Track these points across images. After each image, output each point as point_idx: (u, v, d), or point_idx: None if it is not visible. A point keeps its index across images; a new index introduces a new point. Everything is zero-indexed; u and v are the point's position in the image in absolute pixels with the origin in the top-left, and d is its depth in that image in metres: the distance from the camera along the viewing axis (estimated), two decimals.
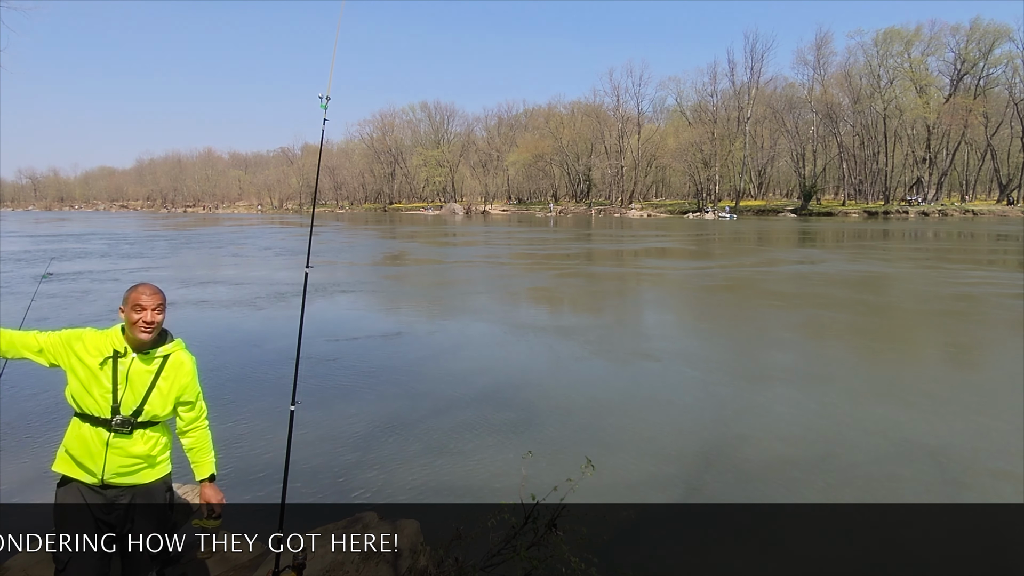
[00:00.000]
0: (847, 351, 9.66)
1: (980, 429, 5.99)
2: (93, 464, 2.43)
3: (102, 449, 2.42)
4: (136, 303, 2.47)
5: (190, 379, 2.59)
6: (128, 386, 2.43)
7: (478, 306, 13.62)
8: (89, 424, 2.42)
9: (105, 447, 2.42)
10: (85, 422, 2.42)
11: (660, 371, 8.40)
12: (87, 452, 2.42)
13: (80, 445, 2.42)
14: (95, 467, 2.43)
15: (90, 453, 2.42)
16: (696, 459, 5.43)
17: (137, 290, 2.52)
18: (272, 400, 6.96)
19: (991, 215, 60.53)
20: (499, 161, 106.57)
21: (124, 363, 2.44)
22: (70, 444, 2.45)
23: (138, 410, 2.45)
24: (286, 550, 2.71)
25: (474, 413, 6.60)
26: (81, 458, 2.43)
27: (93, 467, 2.43)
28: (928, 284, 17.07)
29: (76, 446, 2.43)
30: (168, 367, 2.52)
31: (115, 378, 2.42)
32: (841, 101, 77.12)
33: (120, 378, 2.42)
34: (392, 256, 26.59)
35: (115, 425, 2.41)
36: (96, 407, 2.41)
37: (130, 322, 2.47)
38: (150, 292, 2.52)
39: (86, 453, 2.42)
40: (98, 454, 2.42)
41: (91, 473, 2.44)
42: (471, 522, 3.32)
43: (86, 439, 2.42)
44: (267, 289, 15.88)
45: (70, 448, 2.44)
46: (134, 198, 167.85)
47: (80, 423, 2.43)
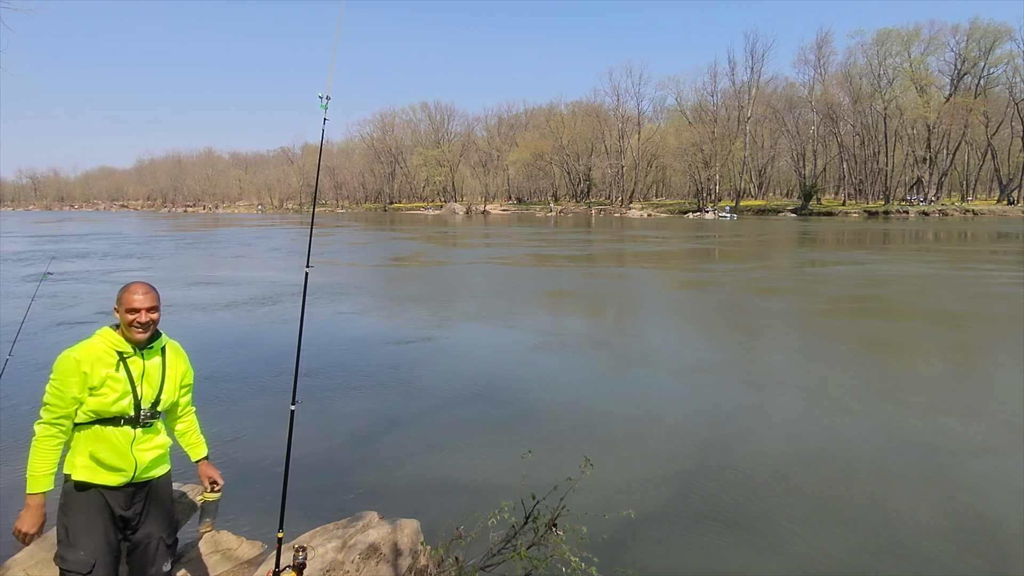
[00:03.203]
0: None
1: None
2: (125, 463, 2.48)
3: (129, 447, 2.48)
4: (130, 305, 2.48)
5: (187, 362, 2.74)
6: (145, 381, 2.52)
7: (478, 306, 13.62)
8: (113, 426, 2.45)
9: (131, 444, 2.49)
10: (108, 425, 2.45)
11: (672, 375, 8.40)
12: (117, 453, 2.46)
13: (108, 448, 2.45)
14: (127, 465, 2.49)
15: (120, 454, 2.47)
16: (709, 459, 5.43)
17: (130, 290, 2.52)
18: (272, 400, 6.97)
19: (991, 215, 60.48)
20: (499, 161, 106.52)
21: (134, 362, 2.51)
22: (96, 450, 2.43)
23: (156, 400, 2.56)
24: (286, 549, 2.72)
25: (474, 412, 6.60)
26: (111, 461, 2.45)
27: (125, 466, 2.49)
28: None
29: (103, 450, 2.44)
30: (170, 355, 2.65)
31: (131, 377, 2.48)
32: (841, 101, 77.07)
33: (136, 376, 2.50)
34: (396, 257, 26.59)
35: (143, 420, 2.51)
36: (119, 408, 2.45)
37: (126, 323, 2.49)
38: (143, 292, 2.52)
39: (116, 455, 2.46)
40: (127, 453, 2.48)
41: (122, 473, 2.49)
42: (471, 521, 3.32)
43: (113, 441, 2.45)
44: (269, 289, 15.88)
45: (97, 454, 2.43)
46: (134, 198, 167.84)
47: (102, 428, 2.44)
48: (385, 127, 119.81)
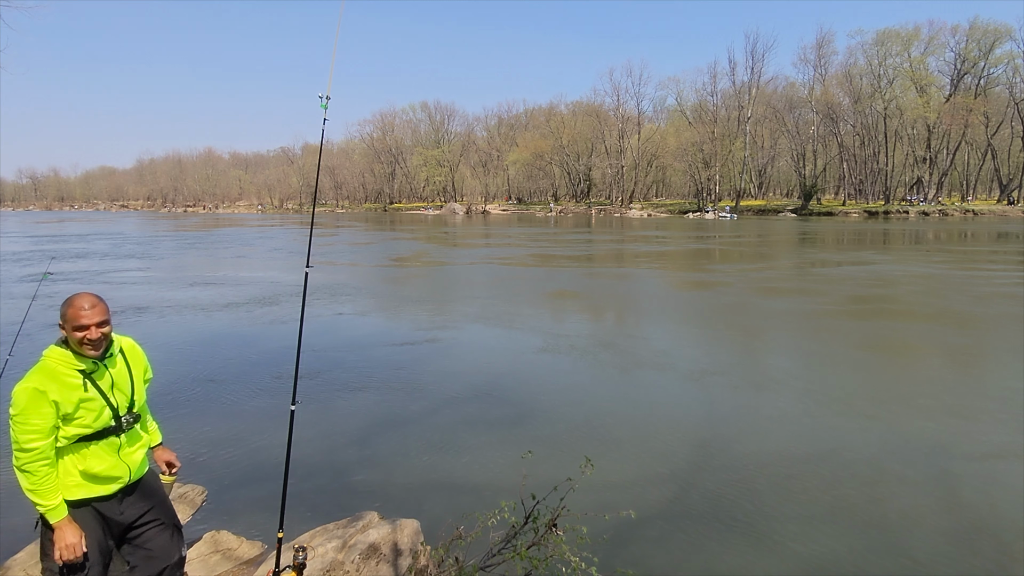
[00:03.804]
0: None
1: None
2: (119, 471, 2.48)
3: (116, 455, 2.46)
4: (77, 323, 2.30)
5: (145, 358, 2.68)
6: (116, 390, 2.46)
7: (480, 307, 13.62)
8: (97, 440, 2.41)
9: (119, 452, 2.47)
10: (92, 441, 2.40)
11: (680, 377, 8.40)
12: (108, 464, 2.44)
13: (99, 461, 2.42)
14: (122, 473, 2.49)
15: (111, 464, 2.45)
16: (716, 458, 5.43)
17: (74, 305, 2.32)
18: (272, 400, 6.97)
19: (991, 215, 60.45)
20: (499, 161, 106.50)
21: (100, 375, 2.40)
22: (88, 466, 2.39)
23: (131, 404, 2.51)
24: (287, 549, 2.72)
25: (474, 412, 6.60)
26: (105, 472, 2.43)
27: (120, 473, 2.48)
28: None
29: (95, 464, 2.41)
30: (129, 356, 2.57)
31: (101, 392, 2.40)
32: (841, 101, 77.05)
33: (106, 389, 2.42)
34: (398, 258, 26.58)
35: (125, 426, 2.48)
36: (100, 423, 2.40)
37: (75, 341, 2.32)
38: (90, 305, 2.32)
39: (108, 466, 2.44)
40: (118, 461, 2.47)
41: (118, 481, 2.48)
42: (471, 521, 3.32)
43: (101, 454, 2.43)
44: (271, 289, 15.88)
45: (90, 469, 2.40)
46: (134, 198, 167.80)
47: (86, 445, 2.39)
48: (385, 127, 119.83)
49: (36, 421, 2.23)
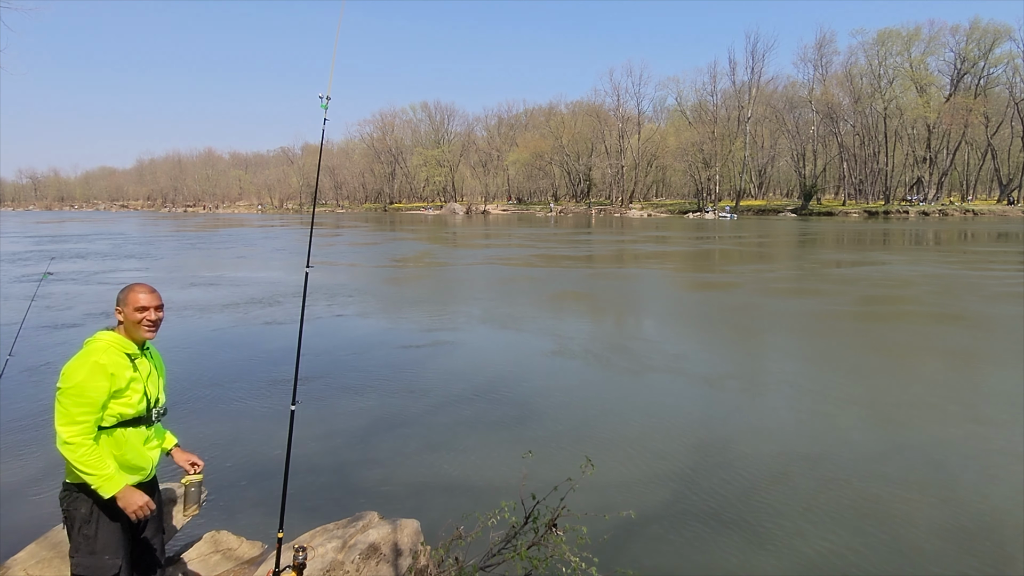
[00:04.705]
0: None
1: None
2: (145, 462, 2.55)
3: (143, 446, 2.53)
4: (138, 304, 2.50)
5: (163, 361, 2.78)
6: (150, 381, 2.57)
7: (481, 307, 13.62)
8: (133, 427, 2.48)
9: (145, 443, 2.54)
10: (128, 427, 2.46)
11: (681, 376, 8.39)
12: (138, 454, 2.51)
13: (131, 450, 2.48)
14: (147, 464, 2.56)
15: (140, 453, 2.52)
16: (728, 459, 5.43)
17: (135, 290, 2.54)
18: (273, 400, 6.97)
19: (991, 215, 60.43)
20: (499, 161, 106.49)
21: (141, 362, 2.54)
22: (122, 453, 2.44)
23: (158, 398, 2.62)
24: (287, 549, 2.72)
25: (474, 412, 6.60)
26: (135, 461, 2.50)
27: (145, 465, 2.55)
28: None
29: (128, 452, 2.47)
30: (154, 356, 2.69)
31: (142, 377, 2.53)
32: (841, 101, 77.05)
33: (144, 376, 2.53)
34: (399, 258, 26.58)
35: (155, 418, 2.58)
36: (138, 409, 2.49)
37: (133, 322, 2.50)
38: (148, 291, 2.55)
39: (138, 455, 2.51)
40: (144, 451, 2.54)
41: (143, 472, 2.54)
42: (471, 521, 3.32)
43: (133, 442, 2.49)
44: (272, 290, 15.88)
45: (123, 457, 2.44)
46: (134, 198, 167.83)
47: (123, 431, 2.45)
48: (385, 127, 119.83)
49: (92, 394, 2.32)
